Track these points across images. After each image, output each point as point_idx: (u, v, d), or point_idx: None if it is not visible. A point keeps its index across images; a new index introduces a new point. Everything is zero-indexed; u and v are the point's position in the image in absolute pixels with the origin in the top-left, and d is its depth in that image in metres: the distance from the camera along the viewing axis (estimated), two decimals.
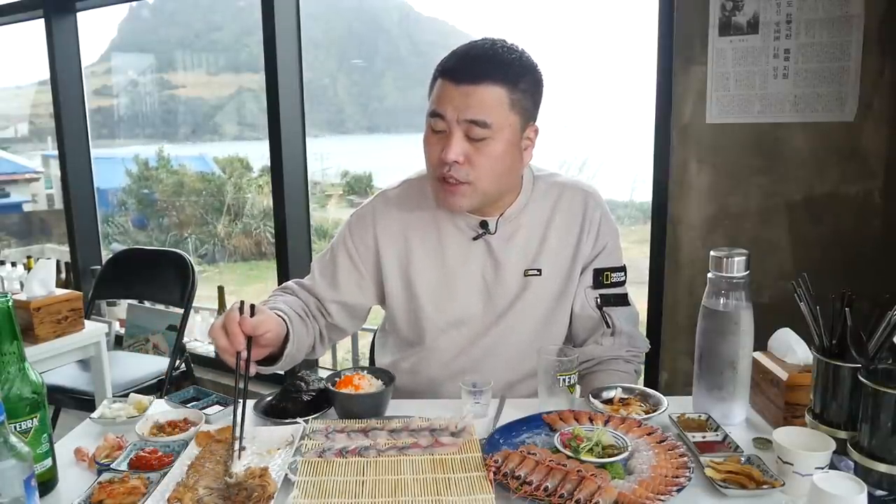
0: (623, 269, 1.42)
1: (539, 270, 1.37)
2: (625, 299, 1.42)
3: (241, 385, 1.10)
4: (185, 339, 3.22)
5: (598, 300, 1.39)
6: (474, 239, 1.37)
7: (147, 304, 3.44)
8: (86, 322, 2.46)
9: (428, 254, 1.39)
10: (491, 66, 1.22)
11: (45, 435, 0.99)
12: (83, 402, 2.51)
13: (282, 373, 1.46)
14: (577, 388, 1.26)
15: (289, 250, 2.95)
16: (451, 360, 1.39)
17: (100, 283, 3.03)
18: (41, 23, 3.62)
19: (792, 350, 1.17)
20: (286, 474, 0.98)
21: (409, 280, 1.39)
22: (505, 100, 1.22)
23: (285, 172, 2.89)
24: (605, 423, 1.11)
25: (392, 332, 1.49)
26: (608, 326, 1.39)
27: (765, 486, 0.93)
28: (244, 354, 1.13)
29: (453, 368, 1.39)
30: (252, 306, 1.16)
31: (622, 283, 1.42)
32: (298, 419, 1.15)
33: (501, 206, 1.36)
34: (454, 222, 1.38)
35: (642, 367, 1.49)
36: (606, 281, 1.40)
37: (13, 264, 4.03)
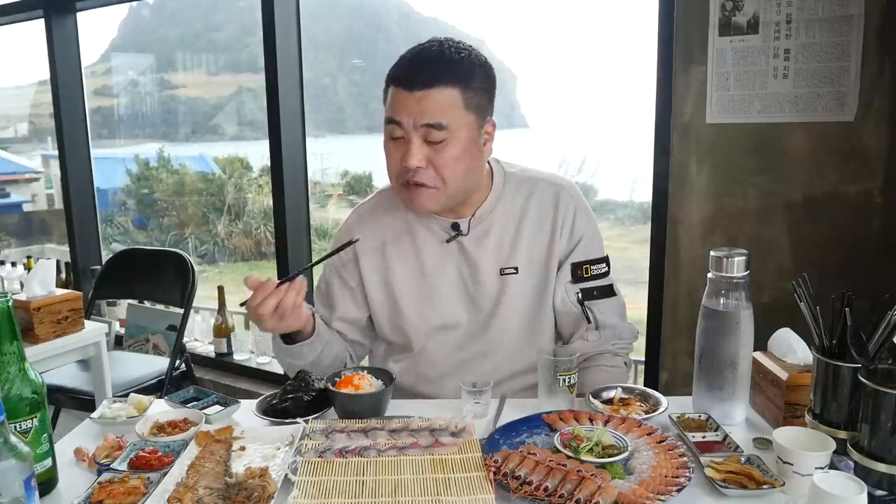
0: (605, 259, 1.41)
1: (515, 269, 1.37)
2: (610, 290, 1.41)
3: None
4: (185, 339, 3.22)
5: (580, 295, 1.38)
6: (447, 241, 1.37)
7: (147, 304, 3.44)
8: (86, 322, 2.47)
9: (405, 260, 1.39)
10: (441, 67, 1.22)
11: (45, 435, 0.99)
12: (83, 402, 2.51)
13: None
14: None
15: (289, 250, 2.95)
16: (440, 362, 1.40)
17: (100, 283, 3.04)
18: (41, 23, 3.62)
19: (792, 350, 1.17)
20: (286, 474, 0.98)
21: (390, 288, 1.40)
22: (459, 100, 1.23)
23: (285, 172, 2.89)
24: (605, 423, 1.11)
25: (381, 339, 1.49)
26: (589, 321, 1.39)
27: (765, 486, 0.93)
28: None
29: (441, 370, 1.39)
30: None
31: (605, 275, 1.41)
32: (298, 419, 1.15)
33: (472, 205, 1.36)
34: (427, 226, 1.38)
35: (632, 357, 1.48)
36: (586, 274, 1.39)
37: (13, 264, 4.02)
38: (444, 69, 1.22)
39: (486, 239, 1.37)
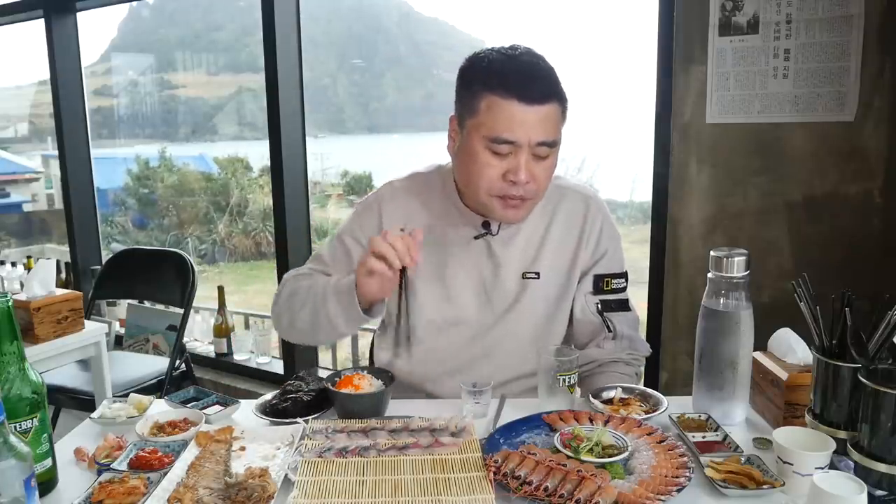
0: (624, 275, 1.42)
1: (537, 274, 1.37)
2: (625, 305, 1.42)
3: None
4: (185, 339, 3.22)
5: (599, 305, 1.39)
6: (475, 238, 1.36)
7: (147, 304, 3.44)
8: (86, 322, 2.46)
9: (428, 249, 1.36)
10: (551, 82, 1.22)
11: (45, 435, 0.99)
12: (83, 402, 2.51)
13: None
14: (577, 388, 1.26)
15: (289, 250, 2.95)
16: (448, 359, 1.39)
17: (100, 283, 3.04)
18: (41, 23, 3.62)
19: (792, 350, 1.17)
20: (286, 474, 0.98)
21: (408, 274, 1.36)
22: (561, 116, 1.23)
23: (285, 172, 2.89)
24: (605, 423, 1.11)
25: (390, 327, 1.47)
26: (609, 331, 1.39)
27: (765, 486, 0.93)
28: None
29: (448, 367, 1.38)
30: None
31: (623, 290, 1.42)
32: (298, 419, 1.15)
33: None
34: (457, 220, 1.37)
35: (642, 369, 1.49)
36: (607, 287, 1.40)
37: (13, 264, 4.02)
38: (553, 84, 1.21)
39: (513, 241, 1.37)
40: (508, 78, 1.19)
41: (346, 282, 1.25)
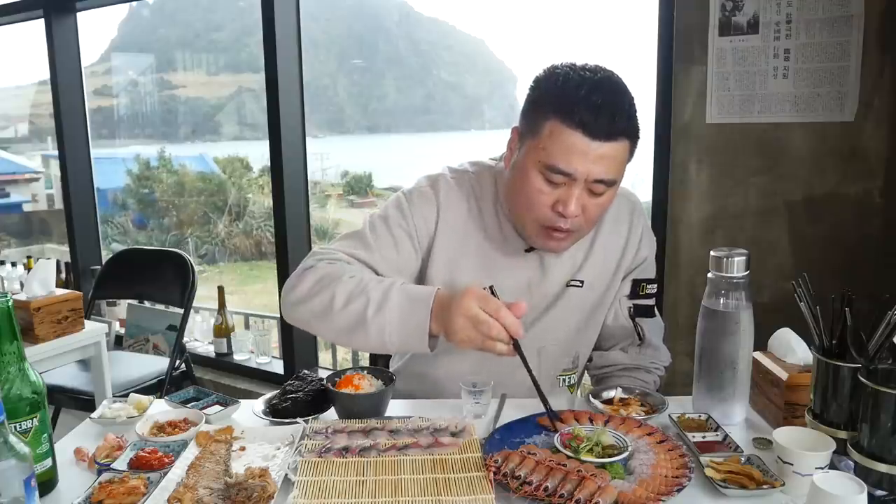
0: (656, 280, 1.41)
1: (581, 282, 1.35)
2: (652, 310, 1.42)
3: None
4: (185, 339, 3.22)
5: (631, 310, 1.39)
6: (526, 251, 1.32)
7: (147, 304, 3.45)
8: (86, 322, 2.46)
9: (481, 253, 1.32)
10: (625, 118, 1.13)
11: (45, 435, 0.99)
12: (83, 402, 2.51)
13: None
14: (577, 388, 1.26)
15: (289, 250, 2.95)
16: (481, 362, 1.31)
17: (100, 283, 3.04)
18: (41, 23, 3.62)
19: (792, 350, 1.17)
20: (286, 474, 0.98)
21: (453, 275, 1.31)
22: (628, 154, 1.17)
23: (285, 172, 2.89)
24: (605, 423, 1.11)
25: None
26: (640, 338, 1.38)
27: (765, 486, 0.93)
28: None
29: (479, 370, 1.30)
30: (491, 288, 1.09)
31: (654, 295, 1.41)
32: (298, 419, 1.15)
33: None
34: (509, 231, 1.31)
35: (661, 379, 1.45)
36: (642, 292, 1.39)
37: (13, 264, 4.02)
38: (627, 121, 1.13)
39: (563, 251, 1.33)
40: (578, 106, 1.10)
41: (420, 295, 1.11)
